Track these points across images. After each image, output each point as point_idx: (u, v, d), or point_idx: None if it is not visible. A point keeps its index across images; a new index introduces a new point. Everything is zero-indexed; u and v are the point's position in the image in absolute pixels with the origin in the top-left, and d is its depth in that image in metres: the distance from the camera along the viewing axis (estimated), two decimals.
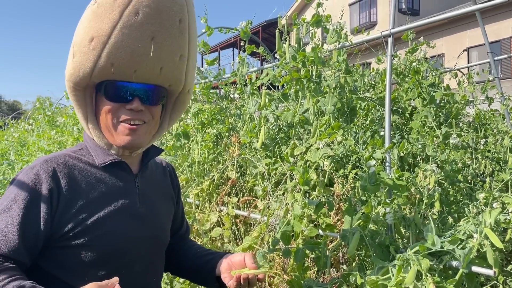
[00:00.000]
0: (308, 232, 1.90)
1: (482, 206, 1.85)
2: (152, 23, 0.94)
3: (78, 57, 0.96)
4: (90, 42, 0.93)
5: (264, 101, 2.46)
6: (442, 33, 14.87)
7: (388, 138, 1.80)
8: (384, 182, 1.56)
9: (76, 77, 0.98)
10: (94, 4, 0.94)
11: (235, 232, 2.54)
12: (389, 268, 1.43)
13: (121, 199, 1.07)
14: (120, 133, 1.03)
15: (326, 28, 2.15)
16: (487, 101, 3.24)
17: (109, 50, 0.93)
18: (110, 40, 0.92)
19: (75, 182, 1.00)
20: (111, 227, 1.02)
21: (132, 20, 0.92)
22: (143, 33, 0.94)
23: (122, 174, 1.09)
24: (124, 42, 0.93)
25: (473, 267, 1.45)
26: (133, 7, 0.91)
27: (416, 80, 2.73)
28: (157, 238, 1.19)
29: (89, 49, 0.94)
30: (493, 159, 2.69)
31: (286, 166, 2.30)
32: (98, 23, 0.92)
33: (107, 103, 1.02)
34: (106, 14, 0.92)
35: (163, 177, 1.28)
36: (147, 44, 0.95)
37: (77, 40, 0.96)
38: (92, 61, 0.95)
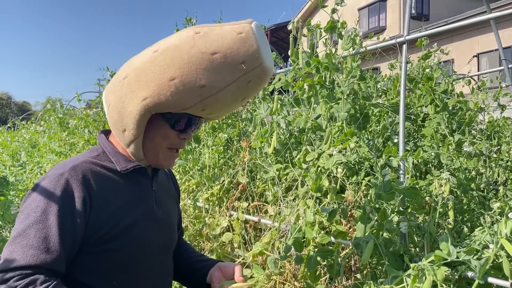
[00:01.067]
0: (320, 239, 1.89)
1: (497, 216, 1.83)
2: (254, 90, 1.03)
3: (179, 94, 0.96)
4: (200, 88, 0.95)
5: (276, 106, 2.46)
6: (452, 39, 14.78)
7: (402, 145, 1.79)
8: (399, 190, 1.54)
9: (164, 107, 0.98)
10: (213, 55, 0.94)
11: (245, 237, 2.54)
12: (404, 278, 1.42)
13: (143, 204, 1.10)
14: (166, 158, 1.09)
15: (340, 34, 2.15)
16: (500, 108, 3.21)
17: (212, 101, 0.97)
18: (218, 94, 0.96)
19: (103, 189, 1.01)
20: (138, 232, 1.05)
21: (243, 85, 0.98)
22: (242, 95, 1.02)
23: (141, 179, 1.12)
24: (226, 99, 0.99)
25: (489, 278, 1.44)
26: (250, 75, 0.97)
27: (429, 86, 2.71)
28: (172, 241, 1.24)
29: (196, 93, 0.96)
30: (506, 167, 2.66)
31: (297, 171, 2.29)
32: (216, 76, 0.95)
33: (167, 129, 1.05)
34: (227, 72, 0.95)
35: (168, 179, 1.32)
36: (237, 102, 1.04)
37: (182, 77, 0.94)
38: (192, 103, 0.97)
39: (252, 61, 0.96)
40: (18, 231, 0.92)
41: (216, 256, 2.40)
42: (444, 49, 2.99)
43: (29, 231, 0.91)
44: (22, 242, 0.90)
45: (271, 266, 1.88)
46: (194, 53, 0.94)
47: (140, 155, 1.07)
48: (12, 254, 0.90)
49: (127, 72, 1.02)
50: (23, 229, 0.92)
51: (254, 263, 2.15)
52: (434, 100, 2.69)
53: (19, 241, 0.91)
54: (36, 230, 0.92)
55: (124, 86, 1.01)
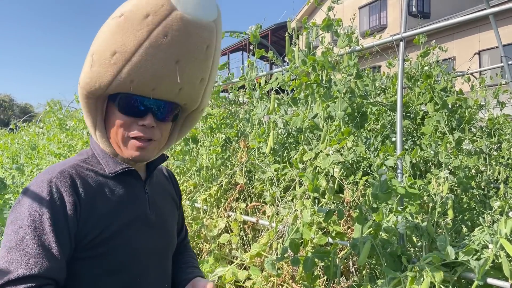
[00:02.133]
0: (318, 240, 1.86)
1: (497, 215, 1.80)
2: (179, 47, 0.91)
3: (96, 67, 0.92)
4: (112, 56, 0.89)
5: (273, 106, 2.43)
6: (453, 36, 14.72)
7: (399, 144, 1.76)
8: (396, 190, 1.52)
9: (92, 86, 0.94)
10: (120, 17, 0.89)
11: (243, 238, 2.51)
12: (401, 279, 1.39)
13: (133, 207, 1.05)
14: (129, 148, 1.01)
15: (336, 32, 2.12)
16: (499, 105, 3.18)
17: (130, 67, 0.90)
18: (133, 57, 0.89)
19: (91, 193, 0.98)
20: (129, 236, 1.01)
21: (160, 41, 0.89)
22: (168, 55, 0.91)
23: (132, 182, 1.07)
24: (148, 62, 0.90)
25: (489, 279, 1.41)
26: (163, 29, 0.88)
27: (428, 84, 2.68)
28: (168, 245, 1.18)
29: (110, 62, 0.90)
30: (507, 165, 2.63)
31: (295, 171, 2.27)
32: (123, 38, 0.89)
33: (119, 116, 0.99)
34: (132, 30, 0.88)
35: (166, 182, 1.28)
36: (171, 67, 0.92)
37: (97, 50, 0.92)
38: (112, 74, 0.91)
39: (157, 11, 0.87)
40: (13, 242, 0.87)
41: (214, 257, 2.38)
42: (443, 46, 2.96)
43: (26, 240, 0.87)
44: (20, 252, 0.86)
45: (269, 267, 1.85)
46: (107, 23, 0.92)
47: (110, 149, 1.03)
48: (10, 265, 0.85)
49: None
50: (18, 238, 0.87)
51: (251, 265, 2.13)
52: (434, 98, 2.66)
53: (16, 252, 0.86)
54: (34, 238, 0.87)
55: None
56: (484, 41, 13.82)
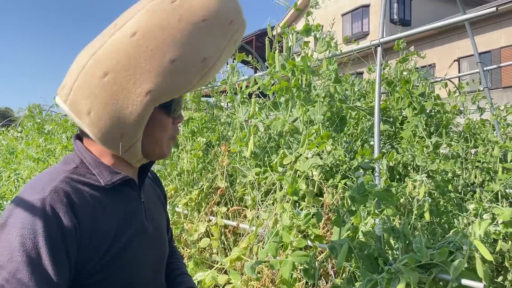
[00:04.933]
0: (297, 243, 1.87)
1: (472, 217, 1.84)
2: (235, 48, 0.96)
3: (185, 75, 0.85)
4: (202, 61, 0.86)
5: (254, 110, 2.44)
6: (433, 43, 15.03)
7: (377, 147, 1.79)
8: (373, 193, 1.53)
9: (170, 96, 0.87)
10: (205, 21, 0.85)
11: (224, 243, 2.50)
12: (378, 281, 1.40)
13: (133, 220, 0.95)
14: (167, 147, 0.98)
15: (316, 37, 2.14)
16: (478, 111, 3.25)
17: (209, 73, 0.89)
18: (217, 62, 0.89)
19: (91, 212, 0.86)
20: (132, 254, 0.92)
21: (231, 47, 0.92)
22: (228, 58, 0.95)
23: (129, 192, 0.97)
24: (219, 67, 0.92)
25: (463, 280, 1.43)
26: (239, 34, 0.92)
27: (407, 89, 2.73)
28: (164, 253, 1.12)
29: (198, 70, 0.86)
30: (483, 169, 2.69)
31: (275, 175, 2.27)
32: (211, 44, 0.87)
33: (166, 119, 0.94)
34: (220, 36, 0.88)
35: (153, 185, 1.20)
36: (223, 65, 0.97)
37: (183, 57, 0.84)
38: (195, 82, 0.88)
39: (238, 17, 0.90)
40: (3, 277, 0.73)
41: (194, 262, 2.36)
42: (422, 53, 3.02)
43: (19, 275, 0.73)
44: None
45: (248, 271, 1.85)
46: (184, 27, 0.84)
47: (138, 157, 0.94)
48: None
49: (105, 68, 0.84)
50: (10, 272, 0.73)
51: (231, 269, 2.12)
52: (412, 103, 2.71)
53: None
54: (29, 273, 0.74)
55: (109, 85, 0.84)
56: (463, 49, 14.14)
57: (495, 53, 13.41)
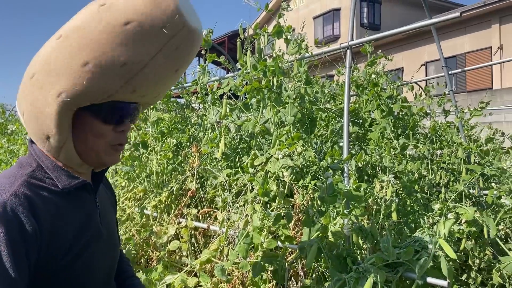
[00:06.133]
0: (267, 244, 1.86)
1: (437, 217, 1.88)
2: (184, 57, 0.90)
3: (98, 80, 0.82)
4: (121, 66, 0.82)
5: (225, 111, 2.43)
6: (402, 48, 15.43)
7: (346, 149, 1.81)
8: (342, 193, 1.55)
9: (87, 99, 0.84)
10: (126, 25, 0.81)
11: (194, 245, 2.48)
12: (346, 280, 1.42)
13: (89, 225, 0.96)
14: (108, 155, 0.95)
15: (286, 39, 2.15)
16: (444, 113, 3.35)
17: (140, 79, 0.85)
18: (145, 69, 0.84)
19: (50, 216, 0.86)
20: (88, 257, 0.92)
21: (171, 52, 0.86)
22: (173, 65, 0.89)
23: (86, 196, 0.98)
24: (156, 73, 0.86)
25: (428, 278, 1.46)
26: (176, 40, 0.85)
27: (375, 92, 2.78)
28: (116, 258, 1.13)
29: (118, 74, 0.82)
30: (448, 170, 2.77)
31: (247, 176, 2.27)
32: (135, 49, 0.82)
33: (99, 125, 0.90)
34: (147, 42, 0.83)
35: (105, 188, 1.20)
36: (171, 76, 0.91)
37: (98, 59, 0.81)
38: (116, 87, 0.83)
39: (173, 23, 0.83)
40: None
41: (163, 265, 2.32)
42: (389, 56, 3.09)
43: None
44: None
45: (219, 273, 1.83)
46: (103, 29, 0.81)
47: (76, 161, 0.93)
48: None
49: (35, 68, 0.86)
50: None
51: (201, 271, 2.09)
52: (380, 105, 2.76)
53: None
54: None
55: (34, 86, 0.85)
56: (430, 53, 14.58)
57: (460, 58, 13.89)
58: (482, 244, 2.20)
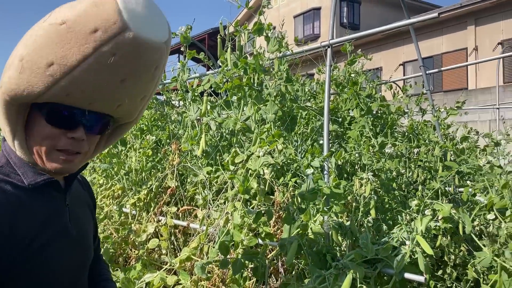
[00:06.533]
0: (248, 242, 1.86)
1: (415, 214, 1.92)
2: (127, 67, 0.83)
3: (27, 75, 0.81)
4: (48, 66, 0.79)
5: (206, 108, 2.41)
6: (380, 48, 15.65)
7: (326, 146, 1.82)
8: (322, 190, 1.56)
9: (18, 93, 0.83)
10: (61, 25, 0.79)
11: (174, 243, 2.45)
12: (326, 277, 1.43)
13: (55, 223, 0.94)
14: (54, 160, 0.91)
15: (267, 37, 2.15)
16: (421, 112, 3.41)
17: (69, 81, 0.80)
18: (74, 72, 0.79)
19: (11, 210, 0.85)
20: (50, 256, 0.90)
21: (107, 60, 0.80)
22: (114, 74, 0.83)
23: (53, 194, 0.96)
24: (90, 78, 0.81)
25: (406, 274, 1.49)
26: (112, 47, 0.79)
27: (354, 90, 2.81)
28: (88, 260, 1.10)
29: (45, 73, 0.79)
30: (425, 168, 2.82)
31: (227, 174, 2.26)
32: (64, 49, 0.79)
33: (46, 127, 0.87)
34: (76, 44, 0.78)
35: (82, 190, 1.17)
36: (115, 85, 0.84)
37: (28, 55, 0.81)
38: (45, 85, 0.80)
39: (108, 28, 0.78)
40: None
41: (142, 263, 2.29)
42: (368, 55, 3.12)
43: None
44: None
45: (198, 271, 1.82)
46: (42, 27, 0.81)
47: (30, 158, 0.92)
48: None
49: None
50: None
51: (181, 269, 2.08)
52: (359, 104, 2.79)
53: None
54: None
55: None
56: (408, 53, 14.84)
57: (437, 58, 14.19)
58: (457, 241, 2.25)
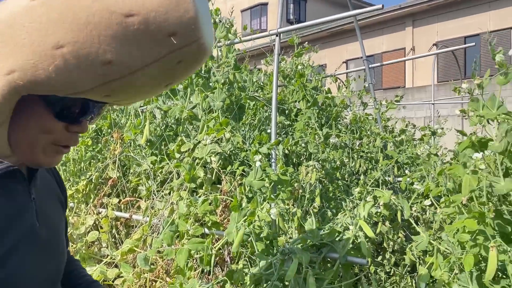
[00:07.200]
0: (194, 231, 1.82)
1: (357, 200, 1.98)
2: (181, 74, 0.73)
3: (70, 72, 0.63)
4: (104, 65, 0.64)
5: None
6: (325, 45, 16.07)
7: (274, 134, 1.82)
8: (269, 177, 1.56)
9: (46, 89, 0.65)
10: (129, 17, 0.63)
11: (115, 236, 2.36)
12: (272, 263, 1.43)
13: (19, 223, 0.76)
14: (48, 155, 0.76)
15: (215, 23, 2.11)
16: (363, 105, 3.54)
17: (120, 85, 0.67)
18: (132, 76, 0.66)
19: None
20: (17, 262, 0.74)
21: (170, 66, 0.68)
22: (166, 79, 0.72)
23: (15, 187, 0.79)
24: (143, 83, 0.69)
25: (349, 257, 1.53)
26: (182, 54, 0.68)
27: (301, 83, 2.84)
28: (60, 264, 0.92)
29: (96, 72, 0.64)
30: (367, 158, 2.92)
31: (173, 163, 2.20)
32: (129, 49, 0.64)
33: (50, 120, 0.72)
34: (147, 45, 0.65)
35: (50, 178, 0.98)
36: (159, 89, 0.74)
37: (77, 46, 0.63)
38: (90, 86, 0.65)
39: (186, 33, 0.66)
40: None
41: (81, 257, 2.18)
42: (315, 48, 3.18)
43: None
44: None
45: (141, 263, 1.76)
46: (97, 11, 0.62)
47: (5, 152, 0.74)
48: None
49: None
50: None
51: (123, 262, 2.00)
52: (306, 96, 2.83)
53: None
54: None
55: None
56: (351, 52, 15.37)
57: (378, 57, 14.82)
58: (396, 227, 2.35)
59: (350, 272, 1.76)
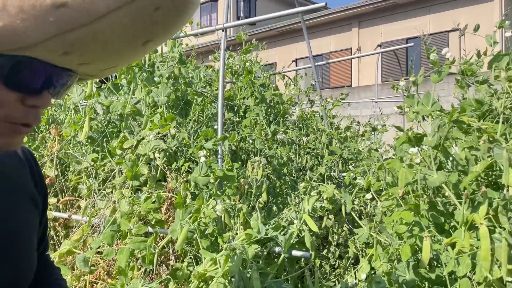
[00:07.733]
0: (137, 230, 1.77)
1: (303, 195, 2.01)
2: (161, 26, 0.57)
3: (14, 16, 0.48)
4: (56, 8, 0.49)
5: (90, 90, 2.23)
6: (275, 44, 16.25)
7: (220, 130, 1.80)
8: (215, 173, 1.54)
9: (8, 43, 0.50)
10: None
11: (54, 238, 2.23)
12: (217, 259, 1.41)
13: None
14: (1, 135, 0.59)
15: None
16: (310, 103, 3.61)
17: (81, 36, 0.52)
18: (95, 24, 0.51)
19: None
20: None
21: (144, 14, 0.53)
22: (143, 34, 0.57)
23: None
24: (112, 36, 0.53)
25: (293, 251, 1.54)
26: None
27: (249, 79, 2.85)
28: (25, 275, 0.77)
29: (47, 18, 0.49)
30: (313, 154, 2.98)
31: (115, 160, 2.12)
32: None
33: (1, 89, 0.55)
34: None
35: (20, 169, 0.80)
36: (134, 48, 0.58)
37: None
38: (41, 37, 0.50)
39: None
40: None
41: None
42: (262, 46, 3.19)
43: None
44: None
45: (80, 264, 1.68)
46: None
47: None
48: None
49: None
50: None
51: (61, 264, 1.89)
52: (254, 92, 2.84)
53: None
54: None
55: None
56: (300, 51, 15.65)
57: (326, 56, 15.18)
58: (340, 221, 2.42)
59: (295, 266, 1.78)
